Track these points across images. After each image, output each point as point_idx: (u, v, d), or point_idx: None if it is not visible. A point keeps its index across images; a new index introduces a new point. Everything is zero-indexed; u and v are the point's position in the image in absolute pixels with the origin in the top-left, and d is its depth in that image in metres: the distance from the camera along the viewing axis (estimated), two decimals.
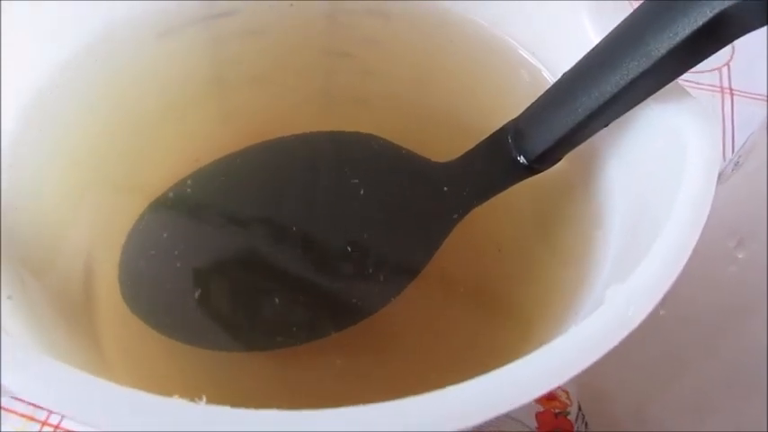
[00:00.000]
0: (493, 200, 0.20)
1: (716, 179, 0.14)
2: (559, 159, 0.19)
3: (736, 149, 0.31)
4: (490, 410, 0.11)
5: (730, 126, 0.32)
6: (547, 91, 0.18)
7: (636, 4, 0.16)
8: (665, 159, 0.16)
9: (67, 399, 0.11)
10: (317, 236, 0.21)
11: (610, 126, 0.17)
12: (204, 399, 0.11)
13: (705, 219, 0.13)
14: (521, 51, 0.22)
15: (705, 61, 0.15)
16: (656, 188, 0.16)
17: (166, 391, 0.18)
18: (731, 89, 0.33)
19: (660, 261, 0.13)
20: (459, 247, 0.21)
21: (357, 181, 0.21)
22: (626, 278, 0.12)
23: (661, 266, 0.12)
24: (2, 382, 0.11)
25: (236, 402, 0.19)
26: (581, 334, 0.11)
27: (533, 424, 0.25)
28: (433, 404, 0.11)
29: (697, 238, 0.13)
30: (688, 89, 0.16)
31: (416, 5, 0.24)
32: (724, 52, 0.34)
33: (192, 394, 0.19)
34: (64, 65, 0.21)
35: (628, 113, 0.17)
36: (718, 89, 0.33)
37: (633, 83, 0.15)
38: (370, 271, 0.20)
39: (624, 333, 0.11)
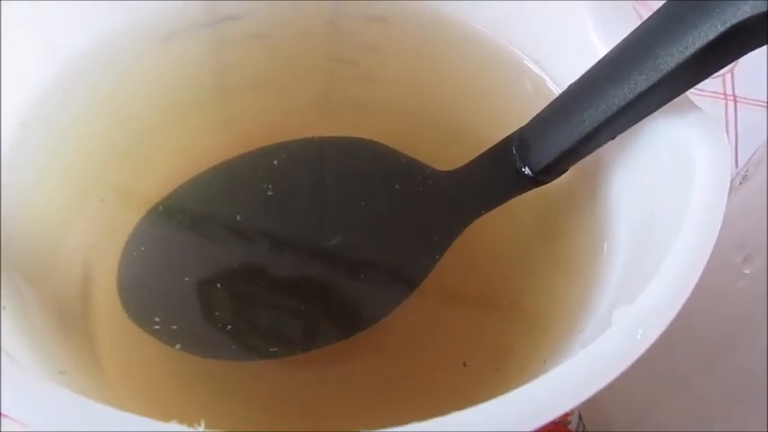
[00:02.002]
0: (496, 209, 0.20)
1: (726, 197, 0.14)
2: (565, 171, 0.18)
3: (739, 156, 0.30)
4: None
5: (734, 133, 0.32)
6: (552, 102, 0.18)
7: (637, 5, 0.15)
8: (672, 172, 0.16)
9: (57, 423, 0.10)
10: (316, 244, 0.21)
11: (616, 137, 0.17)
12: (203, 424, 0.10)
13: (715, 238, 0.13)
14: (524, 60, 0.22)
15: None
16: (663, 201, 0.16)
17: (164, 402, 0.19)
18: (735, 96, 0.33)
19: (669, 283, 0.12)
20: (461, 257, 0.20)
21: (358, 188, 0.21)
22: (634, 299, 0.12)
23: (670, 289, 0.12)
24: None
25: (238, 410, 0.19)
26: (587, 359, 0.11)
27: None
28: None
29: (706, 259, 0.13)
30: (692, 96, 0.16)
31: (414, 11, 0.23)
32: None
33: (191, 405, 0.19)
34: (64, 69, 0.20)
35: (635, 125, 0.17)
36: (722, 96, 0.33)
37: (641, 96, 0.15)
38: (370, 281, 0.20)
39: (633, 358, 0.11)
